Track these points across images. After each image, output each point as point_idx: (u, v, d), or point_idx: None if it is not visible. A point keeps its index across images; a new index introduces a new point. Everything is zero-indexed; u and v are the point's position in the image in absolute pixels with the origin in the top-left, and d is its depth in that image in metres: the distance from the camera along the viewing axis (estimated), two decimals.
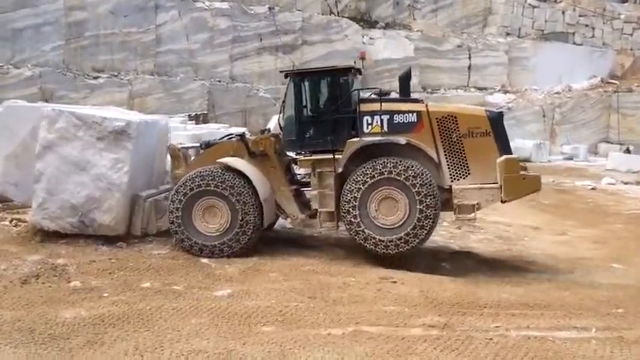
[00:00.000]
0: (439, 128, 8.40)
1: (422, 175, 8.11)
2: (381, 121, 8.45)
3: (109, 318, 6.13)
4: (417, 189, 8.05)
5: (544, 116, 26.93)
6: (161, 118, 11.01)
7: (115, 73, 22.28)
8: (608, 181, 18.95)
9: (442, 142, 8.40)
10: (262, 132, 9.43)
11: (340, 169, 8.47)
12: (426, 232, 8.17)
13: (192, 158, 9.61)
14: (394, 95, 9.81)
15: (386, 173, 8.13)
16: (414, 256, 8.74)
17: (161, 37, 23.39)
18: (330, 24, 26.43)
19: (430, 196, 8.08)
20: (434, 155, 8.40)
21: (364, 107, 8.61)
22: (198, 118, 19.84)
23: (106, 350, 5.43)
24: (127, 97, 21.69)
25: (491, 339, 5.84)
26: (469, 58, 28.13)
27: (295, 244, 9.43)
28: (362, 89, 9.20)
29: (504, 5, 30.15)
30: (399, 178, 8.10)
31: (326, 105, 8.93)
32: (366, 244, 8.30)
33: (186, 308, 6.47)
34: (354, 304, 6.79)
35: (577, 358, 5.49)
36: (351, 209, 8.24)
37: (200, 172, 8.70)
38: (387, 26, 28.22)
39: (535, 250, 10.07)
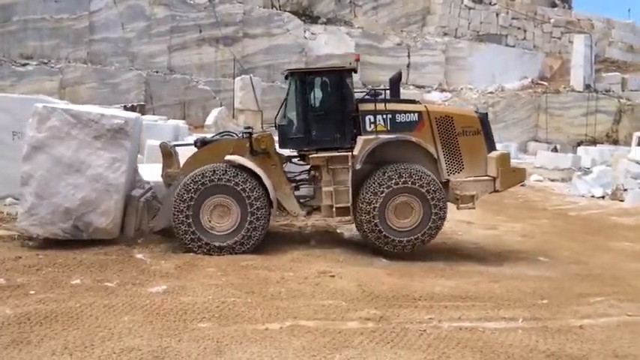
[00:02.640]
0: (438, 127, 9.07)
1: (435, 182, 8.77)
2: (384, 120, 8.93)
3: (35, 316, 5.86)
4: (435, 201, 8.72)
5: None
6: (137, 115, 10.62)
7: (45, 61, 21.33)
8: (536, 178, 19.86)
9: (440, 139, 9.07)
10: (246, 129, 9.37)
11: (359, 166, 8.82)
12: (437, 230, 8.94)
13: (188, 157, 9.19)
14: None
15: (410, 183, 8.69)
16: (354, 250, 8.89)
17: (95, 25, 22.56)
18: (272, 17, 26.29)
19: (442, 200, 8.79)
20: (433, 152, 9.04)
21: (367, 107, 9.06)
22: (135, 110, 19.27)
23: (32, 350, 5.19)
24: (57, 86, 20.83)
25: (425, 330, 6.00)
26: (408, 56, 28.74)
27: None
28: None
29: (442, 6, 30.99)
30: (421, 189, 8.69)
31: (333, 103, 9.11)
32: (380, 243, 8.78)
33: (118, 305, 6.28)
34: (292, 298, 6.80)
35: (505, 347, 5.73)
36: (371, 210, 8.68)
37: (208, 169, 8.49)
38: (328, 22, 28.40)
39: (468, 244, 10.43)
